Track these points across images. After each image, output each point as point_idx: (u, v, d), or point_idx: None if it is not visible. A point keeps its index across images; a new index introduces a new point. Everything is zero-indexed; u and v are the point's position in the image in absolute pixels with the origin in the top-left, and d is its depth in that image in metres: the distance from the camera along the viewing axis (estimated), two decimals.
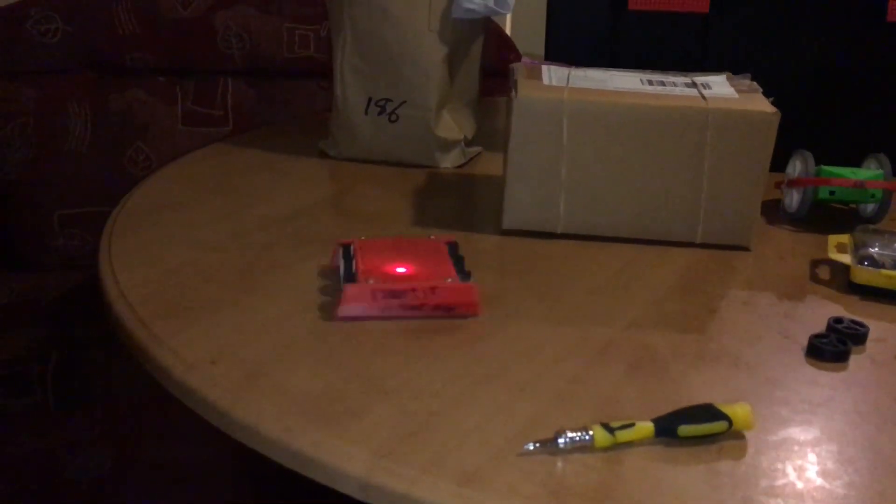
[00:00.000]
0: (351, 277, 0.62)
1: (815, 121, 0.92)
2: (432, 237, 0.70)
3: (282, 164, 0.93)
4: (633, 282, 0.69)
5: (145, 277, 0.66)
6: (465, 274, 0.63)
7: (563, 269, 0.71)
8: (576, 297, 0.66)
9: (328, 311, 0.62)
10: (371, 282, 0.61)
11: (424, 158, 0.92)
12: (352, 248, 0.66)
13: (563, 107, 0.72)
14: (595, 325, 0.62)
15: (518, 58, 1.41)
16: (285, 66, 1.31)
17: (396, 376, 0.54)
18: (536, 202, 0.75)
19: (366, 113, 0.91)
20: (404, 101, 0.90)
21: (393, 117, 0.91)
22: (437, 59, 0.89)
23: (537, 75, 0.77)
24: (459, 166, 0.94)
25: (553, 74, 0.78)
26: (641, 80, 0.77)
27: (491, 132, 1.05)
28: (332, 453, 0.47)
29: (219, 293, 0.64)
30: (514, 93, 0.74)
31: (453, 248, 0.68)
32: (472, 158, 0.96)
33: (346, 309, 0.60)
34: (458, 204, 0.86)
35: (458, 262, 0.65)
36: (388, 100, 0.91)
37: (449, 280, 0.62)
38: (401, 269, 0.63)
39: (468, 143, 0.96)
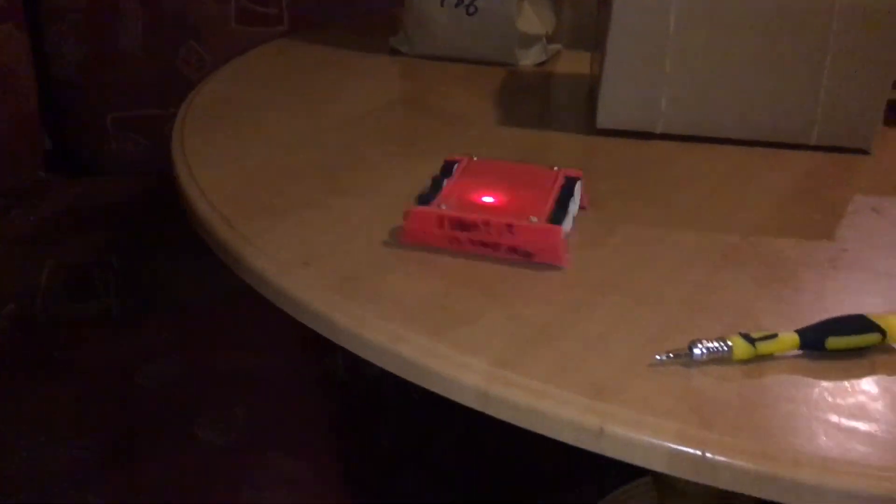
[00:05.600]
0: (425, 200, 0.53)
1: None
2: (556, 168, 0.58)
3: (351, 62, 0.88)
4: (746, 186, 0.63)
5: (224, 177, 0.62)
6: (559, 215, 0.52)
7: (667, 172, 0.66)
8: (687, 200, 0.61)
9: None
10: (444, 207, 0.52)
11: (504, 55, 0.86)
12: (455, 166, 0.58)
13: None
14: (714, 230, 0.57)
15: None
16: None
17: (504, 282, 0.50)
18: (636, 99, 0.69)
19: (442, 5, 0.85)
20: None
21: (471, 10, 0.84)
22: None
23: None
24: (540, 64, 0.88)
25: None
26: None
27: (565, 29, 0.98)
28: (447, 361, 0.44)
29: (304, 193, 0.60)
30: None
31: (570, 184, 0.56)
32: (552, 56, 0.90)
33: (408, 234, 0.53)
34: (543, 103, 0.80)
35: (564, 201, 0.54)
36: None
37: (533, 220, 0.51)
38: (488, 199, 0.53)
39: (548, 40, 0.89)
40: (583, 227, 0.56)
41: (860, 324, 0.44)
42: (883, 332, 0.44)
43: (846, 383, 0.43)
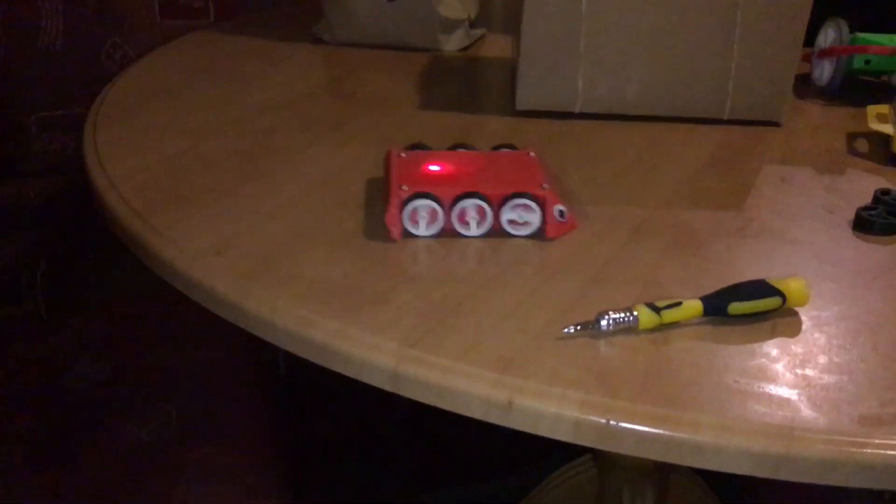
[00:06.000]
0: (415, 146, 0.59)
1: None
2: (545, 186, 0.53)
3: (274, 51, 0.87)
4: (661, 160, 0.64)
5: (137, 167, 0.60)
6: (419, 198, 0.52)
7: (586, 149, 0.66)
8: (602, 177, 0.62)
9: (338, 196, 0.57)
10: (402, 155, 0.57)
11: (427, 41, 0.86)
12: (509, 150, 0.59)
13: None
14: (626, 204, 0.57)
15: None
16: None
17: (418, 263, 0.50)
18: (553, 79, 0.70)
19: None
20: None
21: None
22: None
23: None
24: (463, 49, 0.88)
25: None
26: None
27: (492, 14, 0.99)
28: (357, 343, 0.44)
29: (219, 181, 0.59)
30: None
31: (520, 203, 0.53)
32: (476, 41, 0.90)
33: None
34: (466, 87, 0.81)
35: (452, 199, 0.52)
36: None
37: (404, 188, 0.52)
38: (434, 167, 0.55)
39: (472, 25, 0.90)
40: None
41: (761, 289, 0.45)
42: (783, 296, 0.45)
43: (747, 347, 0.44)
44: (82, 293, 0.98)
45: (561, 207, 0.52)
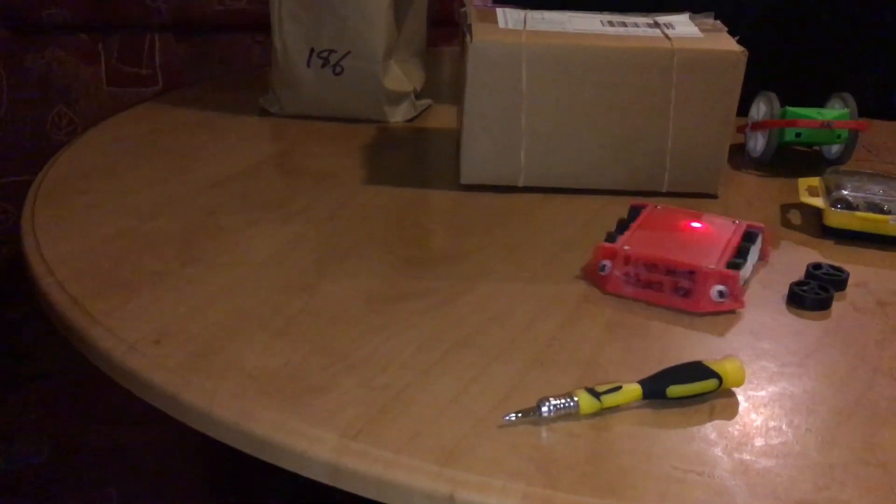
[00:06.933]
0: (612, 239, 0.58)
1: (775, 61, 0.89)
2: (736, 221, 0.61)
3: (219, 123, 0.87)
4: (601, 235, 0.65)
5: (75, 251, 0.60)
6: (737, 263, 0.55)
7: (528, 224, 0.67)
8: (544, 252, 0.62)
9: (281, 278, 0.57)
10: (626, 248, 0.56)
11: (373, 112, 0.87)
12: (641, 211, 0.63)
13: (521, 51, 0.68)
14: (567, 281, 0.58)
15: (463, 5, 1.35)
16: (217, 19, 1.23)
17: (361, 348, 0.50)
18: (496, 154, 0.71)
19: (308, 65, 0.85)
20: (349, 52, 0.84)
21: (337, 69, 0.85)
22: (382, 5, 0.83)
23: (492, 18, 0.73)
24: (409, 120, 0.89)
25: (509, 17, 0.73)
26: (602, 22, 0.73)
27: (439, 84, 1.00)
28: (297, 436, 0.43)
29: (159, 265, 0.58)
30: (468, 38, 0.69)
31: (751, 236, 0.60)
32: (422, 112, 0.91)
33: (589, 269, 0.58)
34: (412, 159, 0.81)
35: (743, 252, 0.57)
36: (331, 50, 0.85)
37: (711, 267, 0.54)
38: (668, 243, 0.57)
39: (417, 96, 0.91)
40: (442, 287, 0.57)
41: (697, 371, 0.46)
42: (719, 378, 0.46)
43: (686, 430, 0.44)
44: (22, 370, 0.96)
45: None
